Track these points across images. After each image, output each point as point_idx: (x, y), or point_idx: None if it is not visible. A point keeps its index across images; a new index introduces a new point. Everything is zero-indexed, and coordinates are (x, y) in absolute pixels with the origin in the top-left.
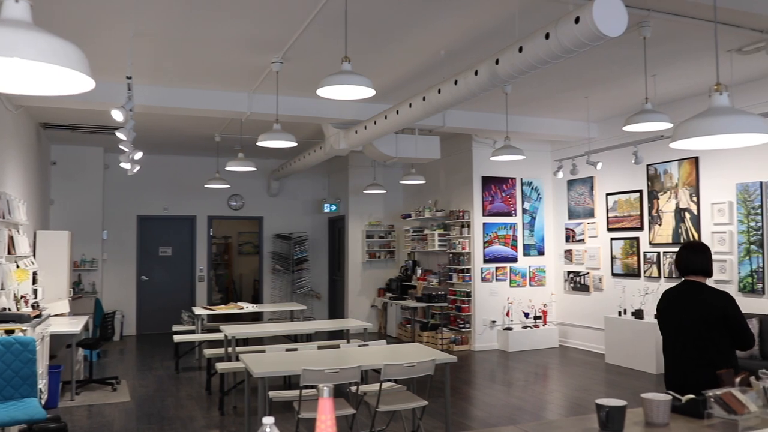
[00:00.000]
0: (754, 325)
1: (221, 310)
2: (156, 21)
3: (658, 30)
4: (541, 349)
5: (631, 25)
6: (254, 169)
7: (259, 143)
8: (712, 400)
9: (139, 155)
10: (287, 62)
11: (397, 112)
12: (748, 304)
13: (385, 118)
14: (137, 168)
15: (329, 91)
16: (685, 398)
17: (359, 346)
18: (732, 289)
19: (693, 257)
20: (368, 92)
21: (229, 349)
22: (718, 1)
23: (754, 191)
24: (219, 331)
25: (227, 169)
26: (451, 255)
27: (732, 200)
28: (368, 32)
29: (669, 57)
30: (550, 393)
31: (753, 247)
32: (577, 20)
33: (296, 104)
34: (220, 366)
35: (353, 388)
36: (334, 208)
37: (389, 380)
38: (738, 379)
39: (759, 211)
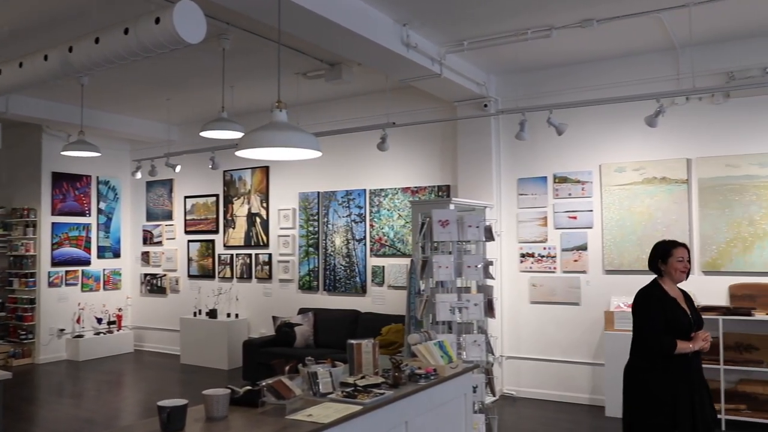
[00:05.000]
0: (309, 319)
1: None
2: None
3: (238, 44)
4: (116, 356)
5: (211, 35)
6: None
7: None
8: (265, 388)
9: None
10: None
11: None
12: (305, 301)
13: None
14: None
15: None
16: (242, 389)
17: None
18: (293, 288)
19: None
20: None
21: None
22: (287, 27)
23: (312, 200)
24: None
25: None
26: (12, 258)
27: (295, 207)
28: None
29: (246, 71)
30: (123, 400)
31: (311, 249)
32: (157, 21)
33: None
34: None
35: None
36: None
37: None
38: (287, 367)
39: (316, 217)
